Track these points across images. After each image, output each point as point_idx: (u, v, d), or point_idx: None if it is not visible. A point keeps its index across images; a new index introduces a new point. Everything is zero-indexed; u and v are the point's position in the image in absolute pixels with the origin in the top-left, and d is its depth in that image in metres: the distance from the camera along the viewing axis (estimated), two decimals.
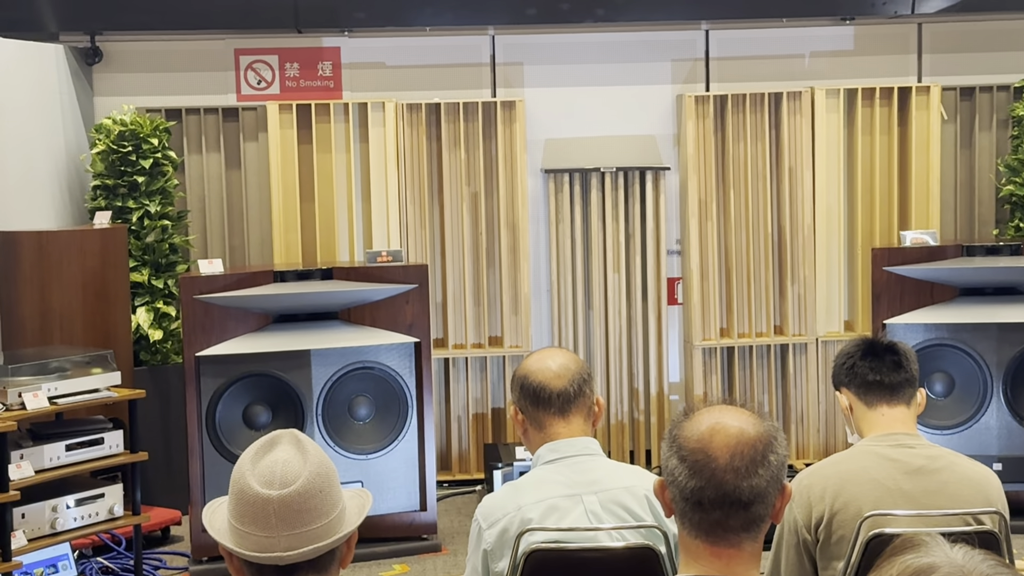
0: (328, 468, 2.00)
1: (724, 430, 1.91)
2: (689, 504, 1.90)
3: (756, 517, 1.89)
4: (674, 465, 1.92)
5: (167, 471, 6.13)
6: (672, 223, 7.01)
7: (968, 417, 5.80)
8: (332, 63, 6.93)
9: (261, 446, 2.02)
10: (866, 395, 3.02)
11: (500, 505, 2.80)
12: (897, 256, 5.98)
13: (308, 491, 1.94)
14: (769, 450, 1.91)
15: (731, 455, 1.88)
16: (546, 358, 2.94)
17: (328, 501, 1.97)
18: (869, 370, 3.02)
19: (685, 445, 1.92)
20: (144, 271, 6.33)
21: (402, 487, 5.68)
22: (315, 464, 1.97)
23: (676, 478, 1.91)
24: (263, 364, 5.49)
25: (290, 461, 1.97)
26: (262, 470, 1.97)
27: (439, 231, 6.84)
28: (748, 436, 1.90)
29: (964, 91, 7.07)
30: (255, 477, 1.96)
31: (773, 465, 1.91)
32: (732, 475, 1.88)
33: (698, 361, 6.87)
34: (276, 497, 1.93)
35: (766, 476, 1.89)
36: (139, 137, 6.31)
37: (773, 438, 1.92)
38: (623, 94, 7.02)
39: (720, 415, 1.94)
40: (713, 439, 1.90)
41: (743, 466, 1.88)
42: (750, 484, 1.88)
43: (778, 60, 7.06)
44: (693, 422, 1.94)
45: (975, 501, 2.85)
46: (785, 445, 1.95)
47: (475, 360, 6.87)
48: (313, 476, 1.96)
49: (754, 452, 1.89)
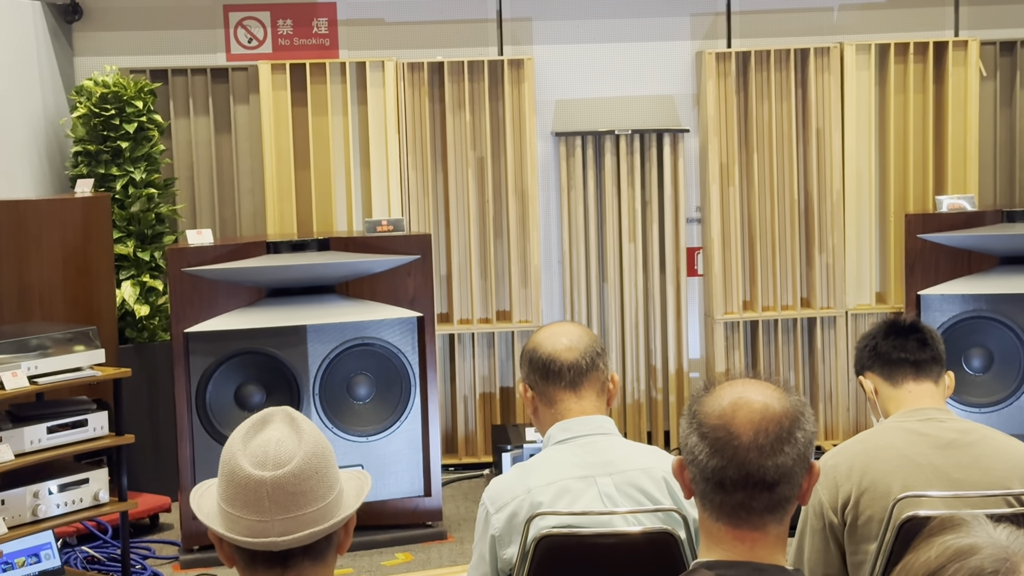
0: (324, 448, 1.98)
1: (748, 405, 1.89)
2: (710, 485, 1.88)
3: (782, 498, 1.88)
4: (694, 443, 1.91)
5: (155, 455, 6.14)
6: (691, 189, 6.99)
7: (1008, 394, 5.78)
8: (328, 20, 6.90)
9: (252, 425, 2.01)
10: (891, 374, 3.04)
11: (508, 488, 2.79)
12: (932, 223, 5.95)
13: (303, 472, 1.93)
14: (796, 426, 1.89)
15: (755, 432, 1.87)
16: (557, 330, 2.94)
17: (324, 483, 1.96)
18: (893, 348, 3.05)
19: (706, 421, 1.90)
20: (129, 243, 6.32)
21: (405, 471, 5.68)
22: (310, 444, 1.96)
23: (696, 457, 1.90)
24: (256, 341, 5.49)
25: (284, 440, 1.96)
26: (254, 450, 1.95)
27: (443, 199, 6.82)
28: (773, 411, 1.89)
29: (1004, 46, 7.02)
30: (246, 457, 1.95)
31: (800, 442, 1.89)
32: (756, 453, 1.86)
33: (719, 336, 6.85)
34: (269, 479, 1.92)
35: (792, 454, 1.88)
36: (122, 100, 6.29)
37: (800, 413, 1.91)
38: (639, 51, 6.98)
39: (743, 389, 1.92)
40: (736, 415, 1.88)
41: (768, 444, 1.86)
42: (775, 463, 1.86)
43: (805, 14, 7.01)
44: (714, 397, 1.92)
45: (1012, 476, 2.84)
46: (813, 421, 1.94)
47: (482, 336, 6.85)
48: (309, 456, 1.95)
49: (779, 428, 1.88)
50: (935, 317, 5.78)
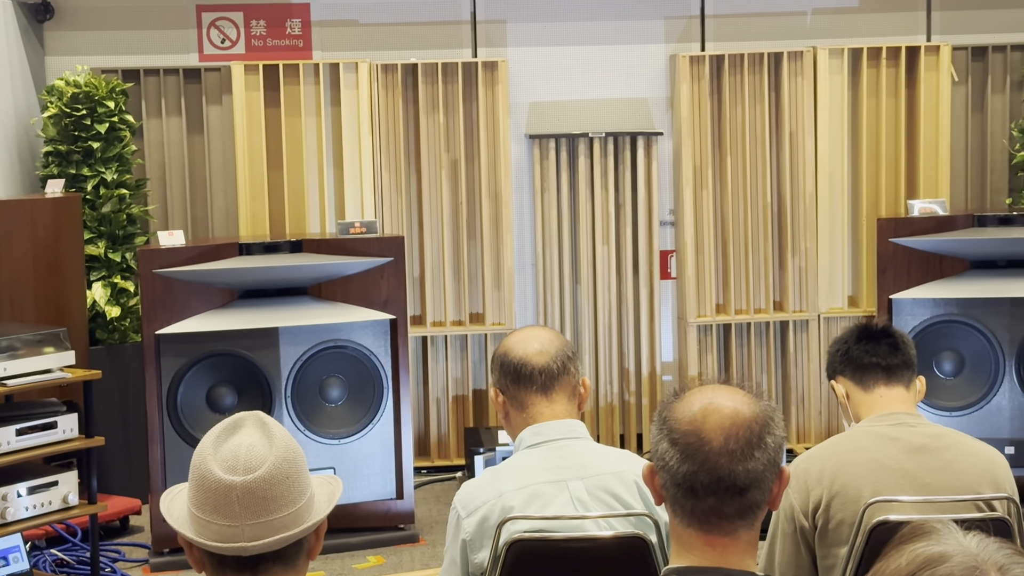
0: (295, 453, 1.98)
1: (718, 411, 1.90)
2: (681, 490, 1.89)
3: (752, 503, 1.89)
4: (664, 449, 1.91)
5: (126, 457, 6.11)
6: (665, 192, 7.00)
7: (979, 398, 5.81)
8: (301, 20, 6.88)
9: (223, 429, 2.01)
10: (863, 379, 3.05)
11: (480, 492, 2.79)
12: (904, 227, 5.97)
13: (274, 477, 1.93)
14: (766, 431, 1.90)
15: (725, 437, 1.87)
16: (528, 335, 2.94)
17: (295, 488, 1.95)
18: (864, 352, 3.07)
19: (676, 427, 1.90)
20: (100, 243, 6.29)
21: (377, 474, 5.67)
22: (281, 448, 1.96)
23: (667, 463, 1.90)
24: (228, 343, 5.46)
25: (255, 445, 1.95)
26: (224, 455, 1.95)
27: (416, 201, 6.81)
28: (743, 417, 1.89)
29: (976, 51, 7.06)
30: (217, 462, 1.94)
31: (770, 447, 1.90)
32: (727, 459, 1.87)
33: (692, 339, 6.86)
34: (240, 483, 1.91)
35: (763, 459, 1.88)
36: (94, 100, 6.26)
37: (770, 418, 1.92)
38: (613, 54, 6.99)
39: (713, 395, 1.92)
40: (706, 420, 1.89)
41: (738, 449, 1.87)
42: (746, 468, 1.87)
43: (778, 18, 7.03)
44: (684, 403, 1.93)
45: (982, 481, 2.86)
46: (783, 426, 1.95)
47: (455, 338, 6.85)
48: (279, 461, 1.94)
49: (750, 434, 1.88)
50: (907, 321, 5.80)
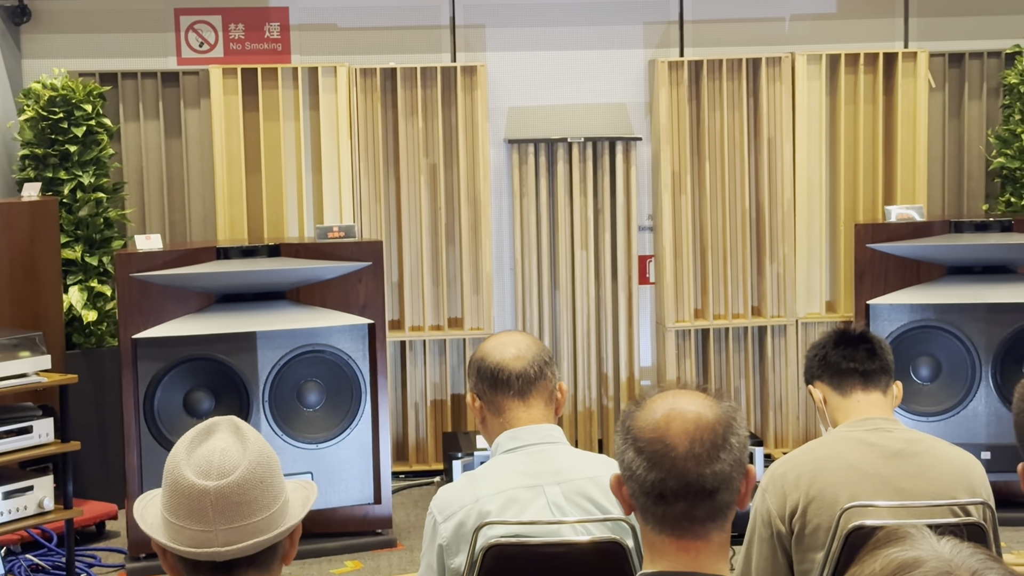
0: (269, 457, 1.97)
1: (681, 415, 1.90)
2: (651, 498, 1.89)
3: (722, 505, 1.89)
4: (631, 458, 1.91)
5: (102, 462, 6.08)
6: (644, 197, 7.00)
7: (955, 403, 5.83)
8: (280, 24, 6.86)
9: (197, 434, 2.00)
10: (840, 384, 3.06)
11: (456, 497, 2.79)
12: (881, 232, 5.99)
13: (248, 482, 1.92)
14: (730, 432, 1.91)
15: (691, 441, 1.88)
16: (505, 340, 2.94)
17: (269, 493, 1.95)
18: (842, 358, 3.08)
19: (640, 436, 1.91)
20: (77, 247, 6.26)
21: (355, 478, 5.65)
22: (255, 453, 1.95)
23: (634, 472, 1.90)
24: (205, 347, 5.45)
25: (228, 450, 1.95)
26: (198, 459, 1.95)
27: (395, 205, 6.80)
28: (707, 420, 1.90)
29: (953, 57, 7.09)
30: (190, 467, 1.94)
31: (735, 447, 1.91)
32: (694, 463, 1.87)
33: (671, 344, 6.86)
34: (213, 488, 1.91)
35: (729, 460, 1.89)
36: (71, 103, 6.24)
37: (732, 419, 1.93)
38: (592, 59, 6.99)
39: (675, 400, 1.93)
40: (670, 426, 1.89)
41: (704, 452, 1.88)
42: (713, 470, 1.88)
43: (757, 24, 7.05)
44: (646, 410, 1.93)
45: (957, 486, 2.87)
46: (745, 425, 1.96)
47: (433, 343, 6.84)
48: (253, 466, 1.94)
49: (714, 436, 1.89)
50: (884, 326, 5.82)
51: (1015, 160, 6.81)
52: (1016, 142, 6.81)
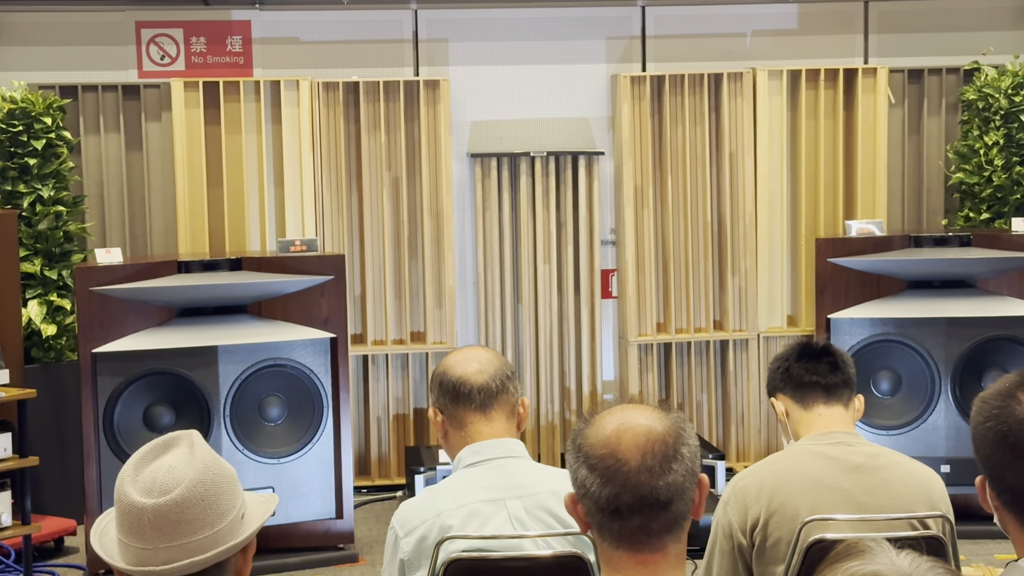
0: (216, 475, 1.95)
1: (631, 429, 1.91)
2: (606, 514, 1.89)
3: (678, 516, 1.90)
4: (584, 475, 1.91)
5: (61, 477, 6.02)
6: (606, 211, 7.02)
7: (915, 417, 5.86)
8: (242, 38, 6.84)
9: (151, 449, 1.99)
10: (802, 397, 3.07)
11: (418, 511, 2.77)
12: (842, 247, 6.03)
13: (186, 500, 1.90)
14: (680, 442, 1.91)
15: (642, 454, 1.88)
16: (467, 354, 2.94)
17: (213, 511, 1.92)
18: (805, 371, 3.09)
19: (592, 452, 1.91)
20: (36, 261, 6.21)
21: (316, 493, 5.63)
22: (199, 471, 1.93)
23: (588, 489, 1.90)
24: (166, 361, 5.41)
25: (175, 467, 1.93)
26: (144, 476, 1.94)
27: (357, 219, 6.79)
28: (656, 432, 1.91)
29: (912, 73, 7.15)
30: (135, 483, 1.93)
31: (687, 458, 1.91)
32: (647, 475, 1.88)
33: (633, 358, 6.88)
34: (150, 506, 1.90)
35: (681, 471, 1.90)
36: (31, 116, 6.20)
37: (682, 430, 1.93)
38: (554, 74, 7.01)
39: (623, 415, 1.94)
40: (621, 441, 1.90)
41: (656, 464, 1.88)
42: (667, 482, 1.88)
43: (718, 39, 7.08)
44: (596, 427, 1.94)
45: (917, 500, 2.88)
46: (695, 435, 1.97)
47: (396, 357, 6.82)
48: (195, 484, 1.91)
49: (665, 448, 1.90)
50: (845, 340, 5.85)
51: (974, 175, 6.87)
52: (975, 157, 6.87)
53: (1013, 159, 6.79)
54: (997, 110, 6.77)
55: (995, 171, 6.79)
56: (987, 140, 6.80)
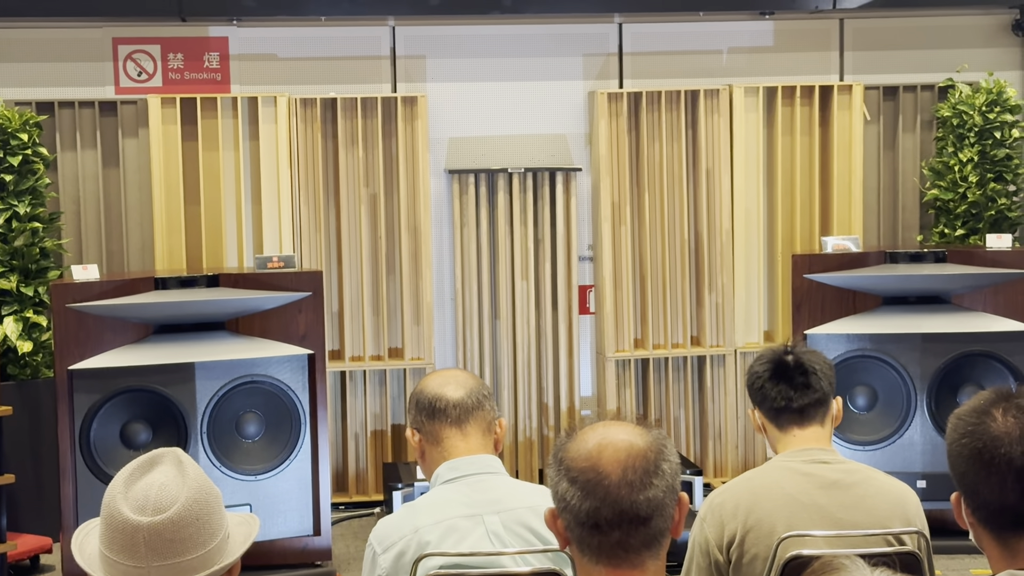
0: (208, 494, 1.95)
1: (612, 444, 1.92)
2: (586, 528, 1.90)
3: (657, 532, 1.91)
4: (564, 489, 1.92)
5: (37, 494, 5.99)
6: (584, 227, 7.03)
7: (891, 432, 5.88)
8: (219, 54, 6.84)
9: (139, 466, 1.99)
10: (776, 419, 3.09)
11: (396, 527, 2.78)
12: (818, 263, 6.06)
13: (182, 519, 1.90)
14: (661, 458, 1.93)
15: (623, 469, 1.90)
16: (444, 374, 2.99)
17: (205, 531, 1.93)
18: (778, 394, 3.07)
19: (573, 466, 1.92)
20: (12, 277, 6.19)
21: (294, 510, 5.61)
22: (193, 490, 1.93)
23: (569, 502, 1.91)
24: (143, 378, 5.39)
25: (167, 485, 1.93)
26: (135, 494, 1.93)
27: (335, 235, 6.78)
28: (638, 447, 1.92)
29: (887, 90, 7.19)
30: (127, 501, 1.92)
31: (667, 474, 1.92)
32: (627, 490, 1.89)
33: (611, 374, 6.88)
34: (146, 524, 1.89)
35: (661, 486, 1.91)
36: (7, 132, 6.18)
37: (663, 446, 1.95)
38: (532, 90, 7.02)
39: (605, 431, 1.95)
40: (602, 455, 1.91)
41: (637, 479, 1.89)
42: (647, 497, 1.89)
43: (695, 56, 7.11)
44: (578, 441, 1.95)
45: (893, 516, 2.89)
46: (676, 453, 1.98)
47: (374, 373, 6.82)
48: (190, 503, 1.92)
49: (646, 463, 1.91)
50: None
51: (948, 192, 6.91)
52: (949, 174, 6.91)
53: (987, 175, 6.84)
54: (971, 127, 6.82)
55: (970, 187, 6.83)
56: (961, 157, 6.85)
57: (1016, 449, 1.96)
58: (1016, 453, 1.96)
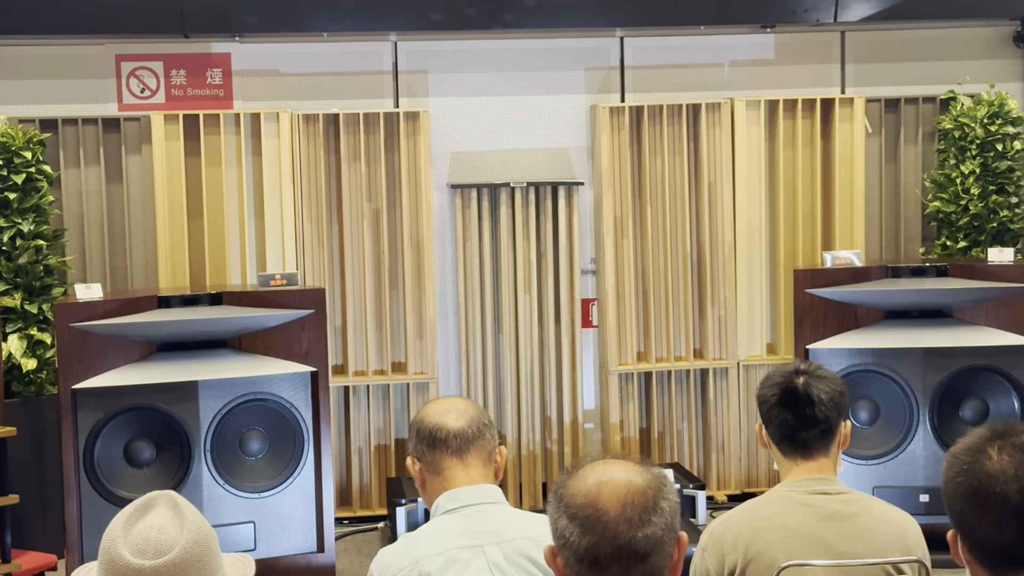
0: (207, 535, 1.97)
1: (611, 481, 1.93)
2: (585, 565, 1.91)
3: (655, 569, 1.92)
4: (564, 525, 1.93)
5: (42, 512, 6.00)
6: (586, 241, 7.04)
7: (894, 446, 5.88)
8: (222, 70, 6.86)
9: (135, 510, 1.99)
10: (781, 446, 3.08)
11: (396, 558, 2.78)
12: (820, 278, 6.06)
13: (184, 561, 1.91)
14: (660, 496, 1.94)
15: (622, 505, 1.91)
16: (444, 403, 2.97)
17: (205, 571, 1.94)
18: (784, 422, 3.05)
19: (573, 502, 1.93)
20: (16, 295, 6.21)
21: (298, 527, 5.62)
22: (193, 532, 1.94)
23: (568, 539, 1.92)
24: (146, 396, 5.40)
25: (166, 527, 1.94)
26: (135, 537, 1.93)
27: (338, 251, 6.80)
28: (637, 485, 1.93)
29: (889, 103, 7.19)
30: (127, 545, 1.92)
31: (666, 512, 1.93)
32: (626, 526, 1.90)
33: (614, 387, 6.89)
34: (149, 568, 1.90)
35: (660, 524, 1.92)
36: (10, 150, 6.20)
37: (662, 484, 1.96)
38: (534, 104, 7.03)
39: (605, 468, 1.97)
40: (601, 492, 1.92)
41: (635, 516, 1.90)
42: (645, 534, 1.90)
43: (696, 69, 7.12)
44: (578, 479, 1.96)
45: (894, 547, 2.89)
46: (675, 491, 1.99)
47: (377, 388, 6.82)
48: (191, 545, 1.93)
49: (645, 500, 1.92)
50: None
51: (950, 204, 6.91)
52: (951, 186, 6.91)
53: (989, 188, 6.84)
54: (973, 139, 6.82)
55: (971, 200, 6.83)
56: (963, 169, 6.85)
57: (1011, 487, 1.96)
58: (1011, 491, 1.96)
